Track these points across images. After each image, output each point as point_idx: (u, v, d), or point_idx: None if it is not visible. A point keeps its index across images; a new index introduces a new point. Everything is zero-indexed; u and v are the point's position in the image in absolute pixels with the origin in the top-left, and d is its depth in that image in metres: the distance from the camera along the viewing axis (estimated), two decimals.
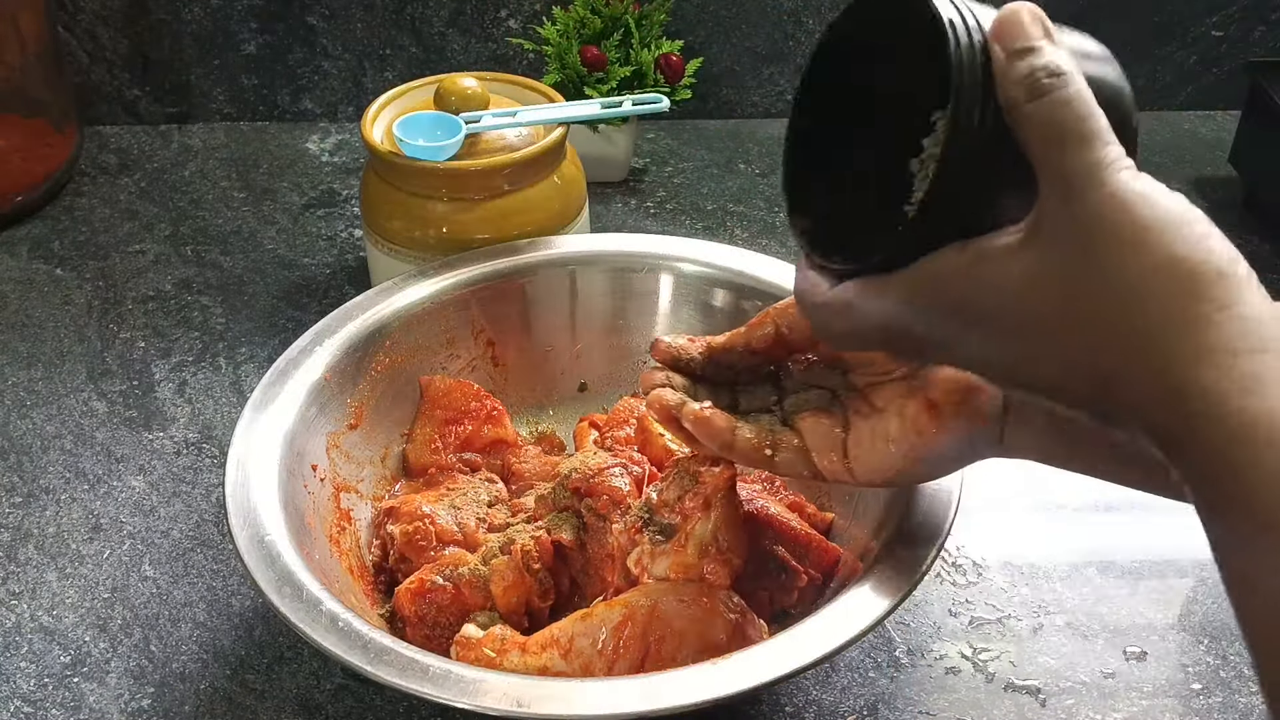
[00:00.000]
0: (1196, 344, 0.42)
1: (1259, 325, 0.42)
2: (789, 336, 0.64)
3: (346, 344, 0.81)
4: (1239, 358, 0.41)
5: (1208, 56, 1.27)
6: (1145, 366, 0.43)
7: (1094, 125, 0.44)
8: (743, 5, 1.23)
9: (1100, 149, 0.44)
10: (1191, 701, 0.71)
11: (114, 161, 1.21)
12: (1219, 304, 0.42)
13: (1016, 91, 0.45)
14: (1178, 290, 0.43)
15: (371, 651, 0.60)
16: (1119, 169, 0.44)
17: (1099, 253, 0.44)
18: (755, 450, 0.63)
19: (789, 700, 0.71)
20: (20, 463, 0.87)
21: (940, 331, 0.48)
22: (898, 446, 0.60)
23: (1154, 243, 0.43)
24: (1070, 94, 0.44)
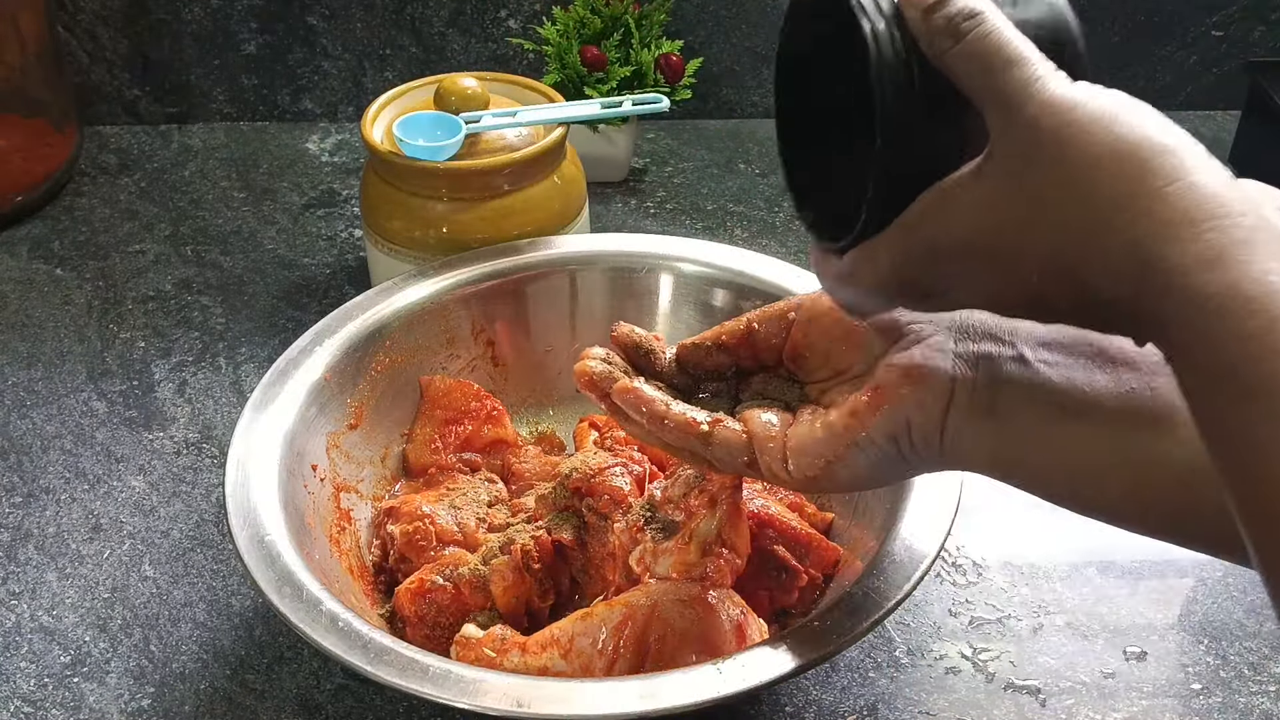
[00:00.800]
0: (1154, 219, 0.43)
1: (1212, 194, 0.42)
2: (758, 333, 0.64)
3: (346, 344, 0.81)
4: (1197, 228, 0.42)
5: (1208, 56, 1.27)
6: (1108, 253, 0.44)
7: (1016, 49, 0.47)
8: (743, 5, 1.23)
9: (1027, 67, 0.46)
10: (1191, 701, 0.72)
11: (114, 161, 1.21)
12: (1168, 178, 0.43)
13: (939, 43, 0.47)
14: (1125, 172, 0.44)
15: (371, 651, 0.61)
16: (1047, 81, 0.46)
17: (1043, 158, 0.45)
18: (690, 427, 0.60)
19: (789, 700, 0.71)
20: (20, 463, 0.87)
21: (934, 273, 0.50)
22: (830, 430, 0.57)
23: (1094, 134, 0.44)
24: (988, 28, 0.47)
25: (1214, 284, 0.41)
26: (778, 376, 0.64)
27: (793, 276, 0.85)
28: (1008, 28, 0.47)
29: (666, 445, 0.62)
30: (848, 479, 0.57)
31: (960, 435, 0.54)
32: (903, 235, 0.49)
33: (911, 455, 0.56)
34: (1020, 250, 0.47)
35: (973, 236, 0.48)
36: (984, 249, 0.48)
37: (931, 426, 0.55)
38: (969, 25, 0.47)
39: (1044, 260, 0.46)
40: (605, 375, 0.63)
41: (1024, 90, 0.46)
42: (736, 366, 0.65)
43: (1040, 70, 0.46)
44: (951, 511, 0.68)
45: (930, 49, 0.48)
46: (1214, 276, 0.41)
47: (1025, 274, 0.47)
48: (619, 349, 0.65)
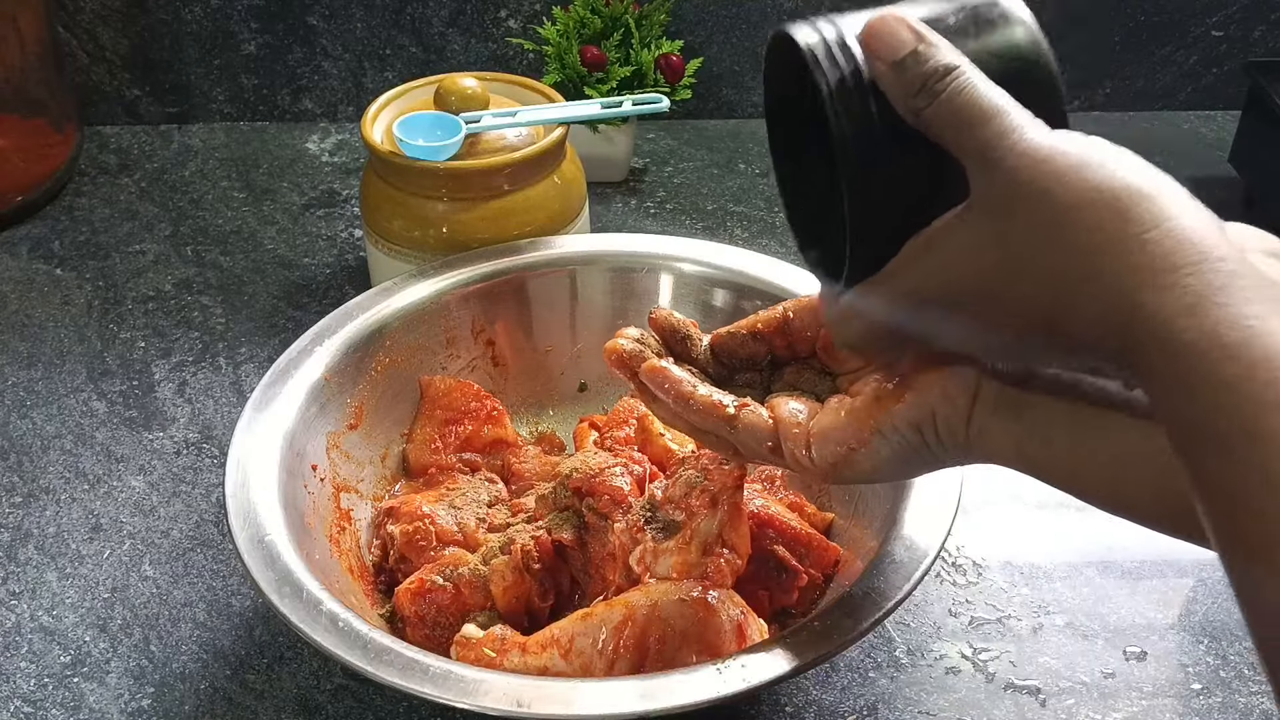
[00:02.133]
0: (1133, 266, 0.42)
1: (1190, 239, 0.42)
2: (793, 322, 0.64)
3: (346, 344, 0.81)
4: (1175, 274, 0.41)
5: (1208, 56, 1.27)
6: (1091, 303, 0.44)
7: (990, 102, 0.47)
8: (743, 5, 1.23)
9: (1004, 119, 0.46)
10: (1191, 701, 0.72)
11: (114, 161, 1.21)
12: (1147, 224, 0.43)
13: (911, 103, 0.48)
14: (1103, 220, 0.43)
15: (371, 651, 0.61)
16: (1025, 131, 0.46)
17: (1023, 209, 0.45)
18: (715, 408, 0.60)
19: (789, 700, 0.71)
20: (20, 463, 0.87)
21: (923, 317, 0.50)
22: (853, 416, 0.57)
23: (1071, 183, 0.44)
24: (962, 84, 0.47)
25: (1191, 330, 0.40)
26: (811, 369, 0.64)
27: (793, 276, 0.85)
28: (981, 81, 0.47)
29: (692, 428, 0.62)
30: (869, 467, 0.57)
31: (986, 427, 0.54)
32: (890, 281, 0.50)
33: (936, 446, 0.55)
34: (1005, 300, 0.47)
35: (957, 285, 0.48)
36: (969, 298, 0.48)
37: (957, 417, 0.54)
38: (941, 86, 0.47)
39: (1029, 310, 0.46)
40: (635, 354, 0.63)
41: (1001, 142, 0.46)
42: (771, 356, 0.65)
43: (1016, 120, 0.46)
44: (951, 511, 0.68)
45: (905, 107, 0.48)
46: (1191, 323, 0.40)
47: (1012, 324, 0.47)
48: (656, 332, 0.65)
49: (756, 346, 0.64)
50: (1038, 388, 0.53)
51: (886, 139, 0.48)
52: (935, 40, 0.48)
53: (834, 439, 0.57)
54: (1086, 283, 0.44)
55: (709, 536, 0.66)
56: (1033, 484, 0.84)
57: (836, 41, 0.49)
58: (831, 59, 0.49)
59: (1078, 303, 0.44)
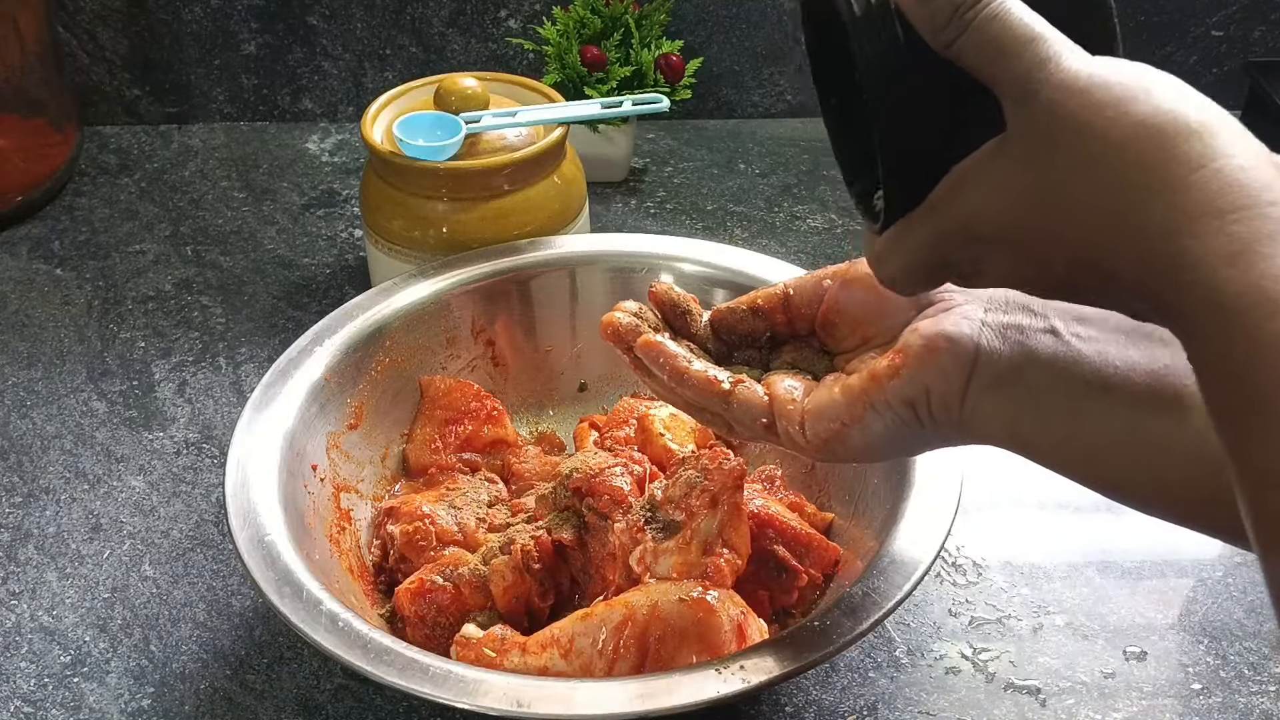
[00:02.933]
0: (1176, 210, 0.40)
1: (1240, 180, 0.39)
2: (793, 299, 0.63)
3: (346, 344, 0.81)
4: (1221, 220, 0.39)
5: (1208, 56, 1.27)
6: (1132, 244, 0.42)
7: (1026, 30, 0.44)
8: (743, 5, 1.23)
9: (1040, 47, 0.44)
10: (1191, 701, 0.72)
11: (114, 161, 1.21)
12: (1194, 163, 0.40)
13: (943, 35, 0.45)
14: (1148, 158, 0.41)
15: (371, 651, 0.61)
16: (1063, 59, 0.44)
17: (1062, 143, 0.43)
18: (710, 384, 0.60)
19: (789, 700, 0.71)
20: (20, 463, 0.87)
21: (962, 255, 0.48)
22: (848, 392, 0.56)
23: (1114, 117, 0.42)
24: (994, 10, 0.44)
25: (1235, 281, 0.38)
26: (809, 348, 0.64)
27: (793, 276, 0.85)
28: (1016, 6, 0.45)
29: (687, 403, 0.62)
30: (862, 444, 0.56)
31: (980, 405, 0.53)
32: (930, 216, 0.48)
33: (929, 423, 0.55)
34: (1045, 237, 0.45)
35: (995, 221, 0.46)
36: (1008, 234, 0.46)
37: (952, 395, 0.54)
38: (971, 15, 0.44)
39: (1069, 248, 0.44)
40: (631, 328, 0.62)
41: (1038, 73, 0.44)
42: (770, 334, 0.64)
43: (1055, 48, 0.44)
44: (951, 511, 0.68)
45: (935, 41, 0.45)
46: (1235, 273, 0.38)
47: (1050, 262, 0.45)
48: (656, 306, 0.65)
49: (756, 323, 0.64)
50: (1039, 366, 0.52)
51: (915, 71, 0.46)
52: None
53: (828, 415, 0.57)
54: (1126, 224, 0.42)
55: (709, 536, 0.66)
56: (1033, 484, 0.85)
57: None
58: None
59: (1118, 244, 0.42)
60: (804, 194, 1.17)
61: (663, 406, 0.81)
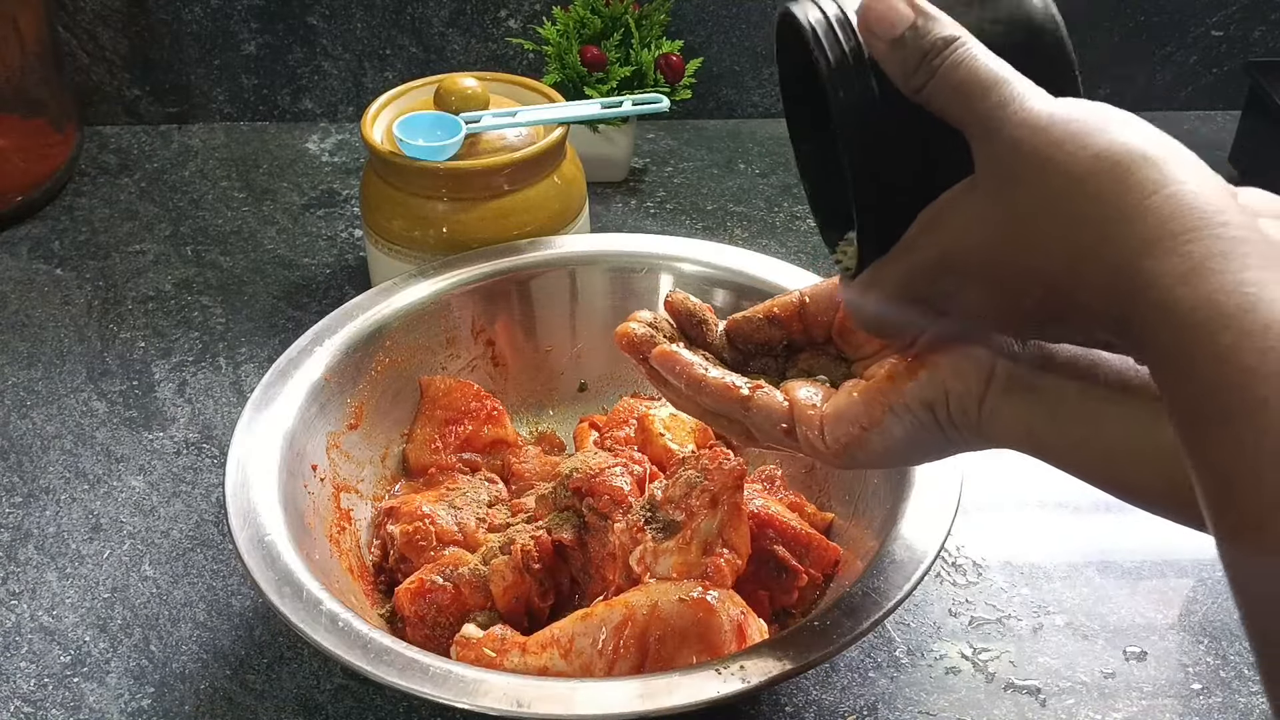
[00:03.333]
0: (1134, 234, 0.42)
1: (1192, 204, 0.41)
2: (809, 307, 0.64)
3: (346, 344, 0.81)
4: (1175, 240, 0.40)
5: (1208, 56, 1.27)
6: (1097, 272, 0.43)
7: (990, 73, 0.46)
8: (743, 5, 1.23)
9: (1004, 89, 0.46)
10: (1191, 701, 0.72)
11: (114, 161, 1.21)
12: (1148, 190, 0.42)
13: (914, 80, 0.47)
14: (1105, 187, 0.43)
15: (371, 651, 0.61)
16: (1025, 100, 0.46)
17: (1026, 179, 0.45)
18: (729, 390, 0.60)
19: (789, 700, 0.71)
20: (20, 463, 0.87)
21: (936, 289, 0.50)
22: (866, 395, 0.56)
23: (1072, 150, 0.44)
24: (960, 56, 0.47)
25: (1188, 298, 0.39)
26: (826, 355, 0.64)
27: (793, 276, 0.86)
28: (981, 53, 0.47)
29: (704, 411, 0.62)
30: (881, 448, 0.56)
31: (998, 409, 0.54)
32: (904, 256, 0.50)
33: (948, 426, 0.55)
34: (1014, 271, 0.46)
35: (964, 259, 0.48)
36: (980, 270, 0.48)
37: (970, 397, 0.54)
38: (940, 61, 0.47)
39: (1038, 281, 0.46)
40: (645, 338, 0.62)
41: (1001, 112, 0.46)
42: (787, 342, 0.64)
43: (1017, 89, 0.46)
44: (951, 511, 0.68)
45: (906, 86, 0.48)
46: (1188, 290, 0.39)
47: (1021, 295, 0.47)
48: (672, 316, 0.65)
49: (772, 331, 0.64)
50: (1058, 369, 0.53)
51: (888, 117, 0.48)
52: (934, 13, 0.48)
53: (847, 419, 0.57)
54: (1091, 252, 0.43)
55: (709, 536, 0.66)
56: (1033, 484, 0.85)
57: (838, 18, 0.49)
58: (832, 36, 0.48)
59: (1084, 273, 0.44)
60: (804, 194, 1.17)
61: (663, 406, 0.81)
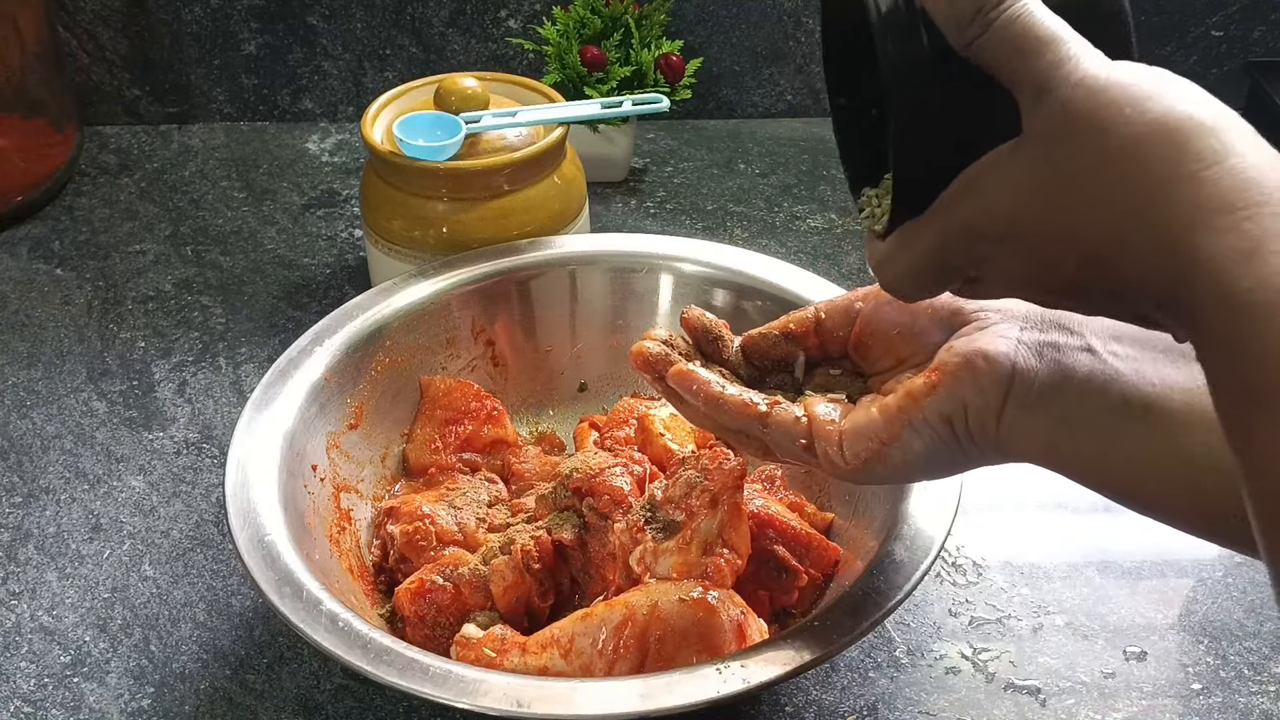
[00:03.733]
0: (1189, 205, 0.40)
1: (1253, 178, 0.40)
2: (824, 322, 0.64)
3: (346, 344, 0.81)
4: (1234, 216, 0.39)
5: (1208, 56, 1.27)
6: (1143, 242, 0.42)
7: (1045, 30, 0.45)
8: (743, 5, 1.23)
9: (1060, 48, 0.44)
10: (1191, 701, 0.72)
11: (114, 161, 1.21)
12: (1207, 160, 0.40)
13: (965, 34, 0.46)
14: (1161, 154, 0.41)
15: (371, 651, 0.61)
16: (1082, 60, 0.44)
17: (1077, 141, 0.44)
18: (747, 408, 0.60)
19: (789, 700, 0.71)
20: (20, 463, 0.87)
21: (970, 257, 0.48)
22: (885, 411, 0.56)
23: (1129, 115, 0.42)
24: (1016, 11, 0.45)
25: (1246, 279, 0.38)
26: (842, 370, 0.64)
27: (792, 276, 0.85)
28: (1038, 8, 0.45)
29: (722, 428, 0.62)
30: (901, 463, 0.56)
31: (1017, 424, 0.53)
32: (939, 217, 0.48)
33: (966, 441, 0.55)
34: (1055, 236, 0.45)
35: (1007, 220, 0.46)
36: (1018, 234, 0.46)
37: (989, 412, 0.54)
38: (994, 15, 0.45)
39: (1079, 247, 0.44)
40: (661, 356, 0.62)
41: (1056, 72, 0.44)
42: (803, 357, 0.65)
43: (1073, 49, 0.44)
44: (951, 511, 0.68)
45: (957, 40, 0.46)
46: (1248, 270, 0.38)
47: (1060, 261, 0.45)
48: (688, 333, 0.65)
49: (788, 347, 0.64)
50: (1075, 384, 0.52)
51: (936, 70, 0.47)
52: None
53: (866, 434, 0.57)
54: (1139, 220, 0.42)
55: (709, 536, 0.66)
56: (1032, 484, 0.85)
57: None
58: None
59: (1129, 241, 0.42)
60: (804, 194, 1.17)
61: (663, 406, 0.81)
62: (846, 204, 1.15)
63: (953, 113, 0.48)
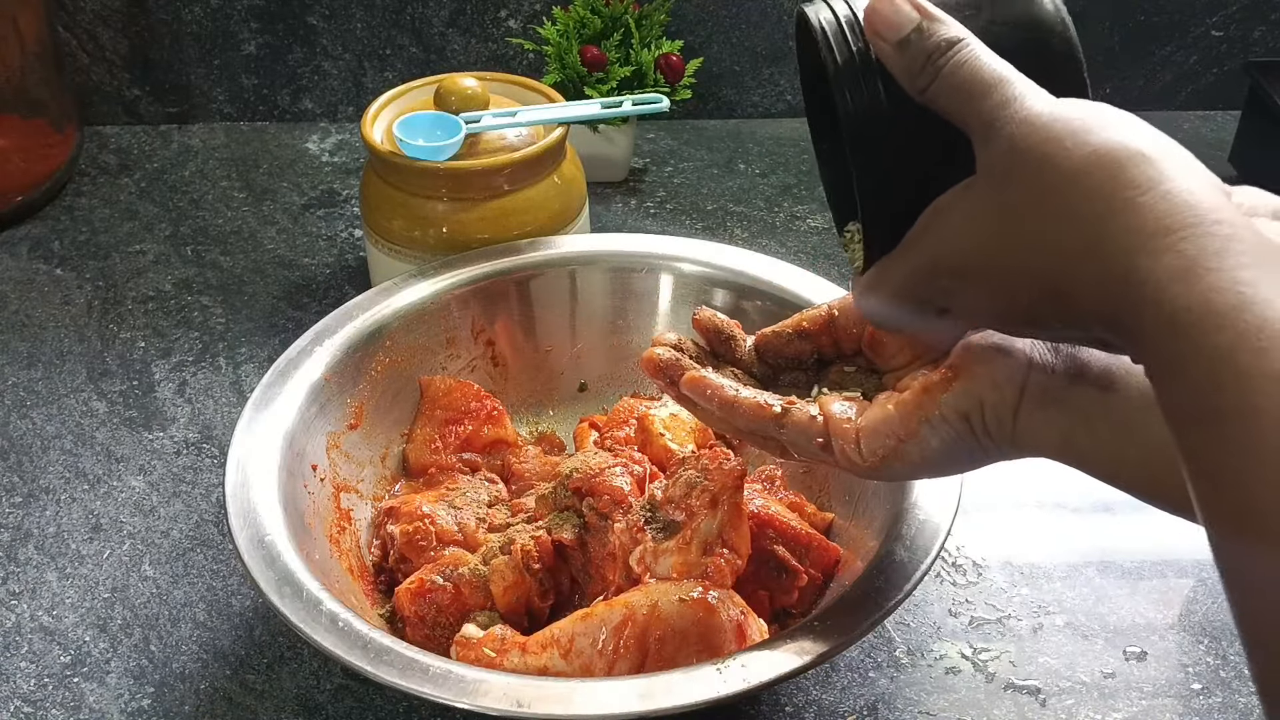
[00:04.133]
0: (1127, 230, 0.42)
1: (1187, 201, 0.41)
2: (838, 320, 0.64)
3: (346, 344, 0.81)
4: (1170, 238, 0.40)
5: (1208, 56, 1.27)
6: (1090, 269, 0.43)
7: (991, 73, 0.47)
8: (743, 5, 1.23)
9: (1005, 88, 0.46)
10: (1191, 701, 0.72)
11: (114, 161, 1.21)
12: (1143, 186, 0.42)
13: (919, 81, 0.48)
14: (1102, 182, 0.43)
15: (371, 651, 0.61)
16: (1026, 100, 0.46)
17: (1023, 176, 0.45)
18: (762, 410, 0.60)
19: (789, 700, 0.71)
20: (20, 463, 0.87)
21: (938, 288, 0.50)
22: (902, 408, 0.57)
23: (1069, 148, 0.44)
24: (964, 57, 0.47)
25: (1182, 297, 0.39)
26: (857, 367, 0.64)
27: (792, 276, 0.85)
28: (984, 52, 0.47)
29: (737, 430, 0.62)
30: (919, 459, 0.57)
31: (1033, 418, 0.54)
32: (905, 254, 0.50)
33: (984, 437, 0.55)
34: (1010, 270, 0.47)
35: (965, 255, 0.48)
36: (977, 268, 0.48)
37: (1005, 408, 0.54)
38: (943, 61, 0.47)
39: (1033, 280, 0.46)
40: (672, 362, 0.62)
41: (1002, 112, 0.46)
42: (817, 355, 0.65)
43: (1019, 89, 0.46)
44: (951, 511, 0.68)
45: (910, 87, 0.48)
46: (1182, 289, 0.39)
47: (1017, 294, 0.47)
48: (700, 334, 0.65)
49: (802, 345, 0.65)
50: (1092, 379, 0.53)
51: (894, 118, 0.49)
52: (938, 15, 0.48)
53: (883, 432, 0.57)
54: (1084, 249, 0.43)
55: (709, 536, 0.66)
56: (1032, 484, 0.85)
57: (847, 19, 0.49)
58: (841, 37, 0.49)
59: (1078, 269, 0.44)
60: (804, 194, 1.17)
61: (663, 406, 0.81)
62: None
63: (912, 156, 0.50)
